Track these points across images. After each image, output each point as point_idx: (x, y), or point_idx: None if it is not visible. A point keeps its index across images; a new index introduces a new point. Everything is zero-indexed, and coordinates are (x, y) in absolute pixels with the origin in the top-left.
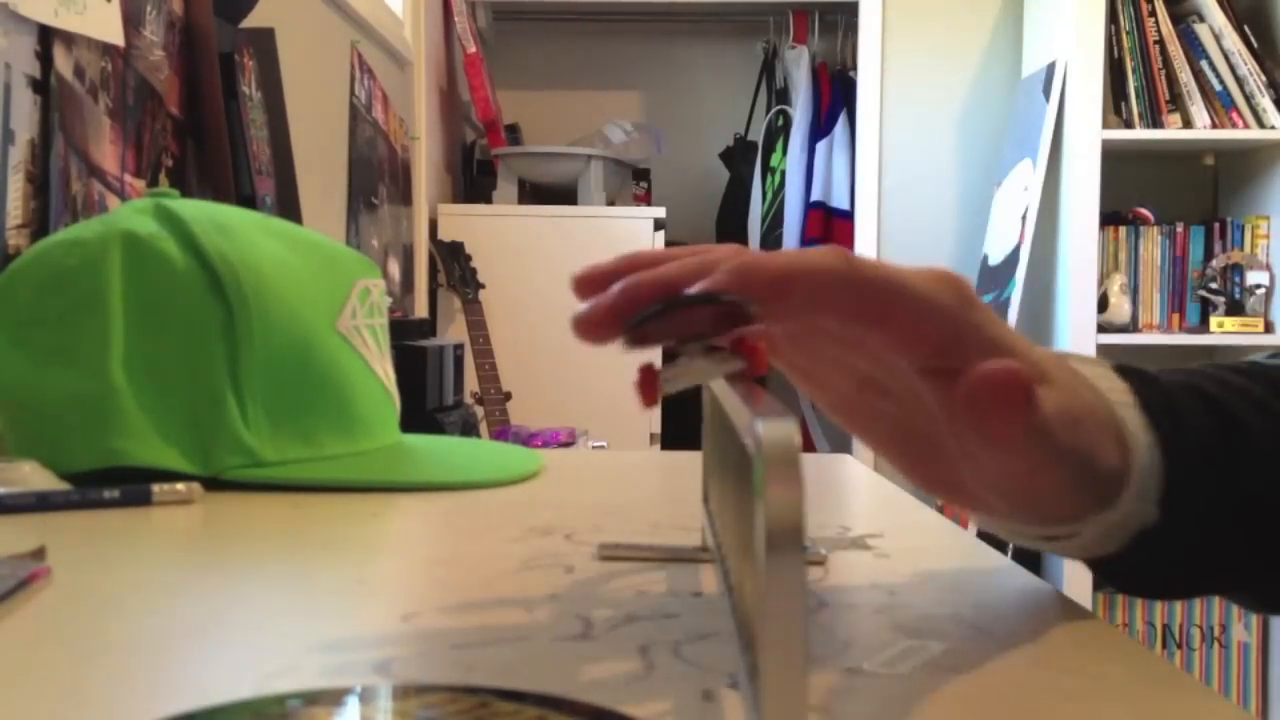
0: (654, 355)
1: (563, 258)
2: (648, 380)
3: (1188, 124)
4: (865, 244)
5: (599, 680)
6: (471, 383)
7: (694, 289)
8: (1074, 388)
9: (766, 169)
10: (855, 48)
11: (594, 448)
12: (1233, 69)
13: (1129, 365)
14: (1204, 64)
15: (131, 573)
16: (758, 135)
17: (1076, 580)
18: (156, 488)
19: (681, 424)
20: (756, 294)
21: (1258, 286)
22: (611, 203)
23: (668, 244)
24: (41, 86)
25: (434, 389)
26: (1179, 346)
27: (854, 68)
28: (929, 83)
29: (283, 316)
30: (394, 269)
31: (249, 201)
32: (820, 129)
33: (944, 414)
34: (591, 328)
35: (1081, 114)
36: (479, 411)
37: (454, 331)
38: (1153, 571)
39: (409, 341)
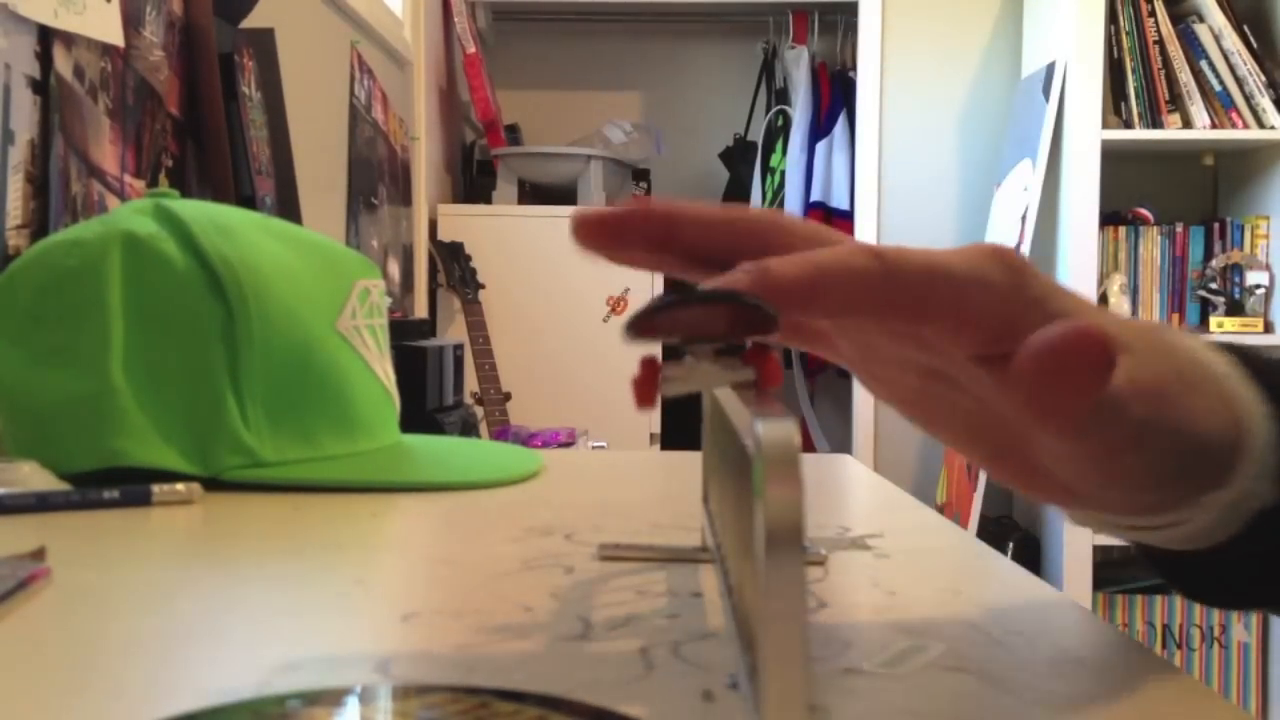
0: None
1: (563, 258)
2: (647, 378)
3: (1187, 124)
4: None
5: (599, 680)
6: (471, 383)
7: (710, 284)
8: (1158, 355)
9: (766, 169)
10: (855, 48)
11: (594, 448)
12: (1232, 69)
13: (1224, 343)
14: (1204, 64)
15: (131, 573)
16: (757, 135)
17: (1076, 580)
18: (156, 488)
19: (681, 424)
20: (778, 303)
21: (1257, 286)
22: (611, 203)
23: None
24: (41, 87)
25: (434, 389)
26: None
27: (854, 68)
28: (929, 83)
29: (282, 317)
30: (394, 269)
31: (249, 202)
32: (820, 129)
33: (1007, 401)
34: (586, 224)
35: (1081, 114)
36: (479, 412)
37: (454, 332)
38: (1253, 567)
39: (409, 342)
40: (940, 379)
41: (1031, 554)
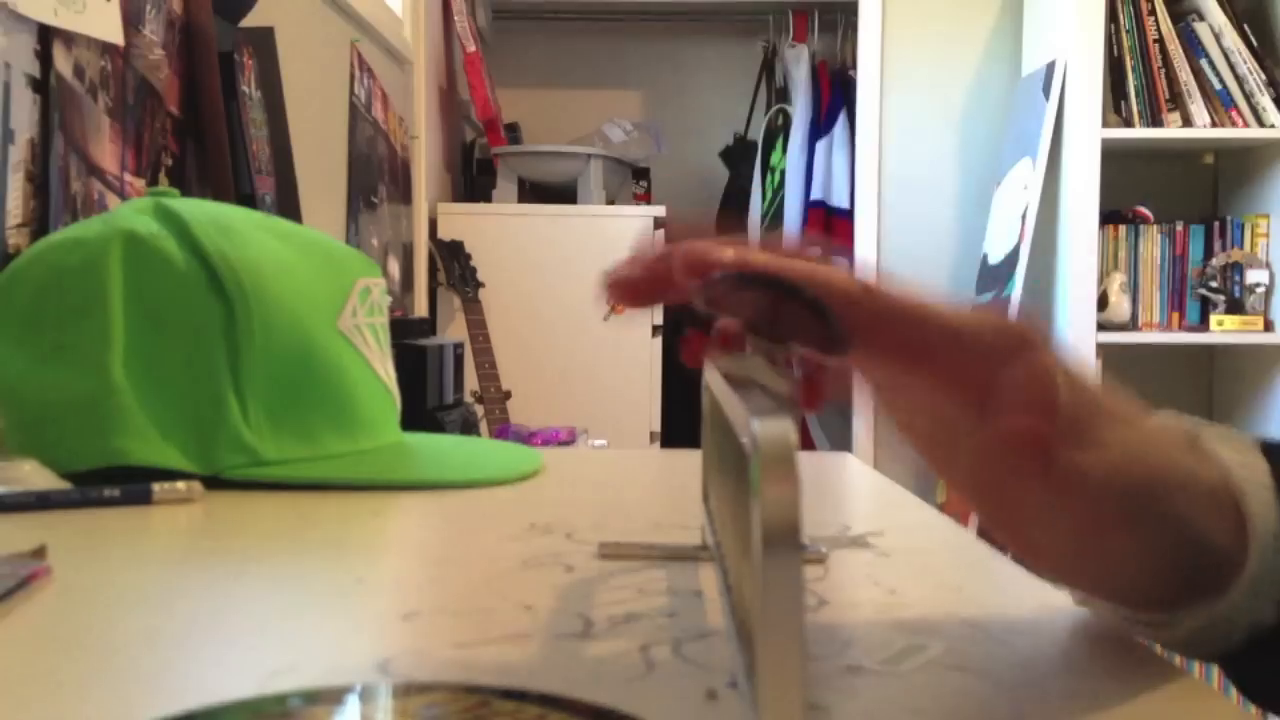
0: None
1: (562, 257)
2: (698, 346)
3: (1187, 123)
4: (865, 243)
5: (599, 679)
6: (471, 381)
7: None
8: (1152, 449)
9: (766, 168)
10: (855, 47)
11: (594, 446)
12: (1232, 68)
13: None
14: (1204, 63)
15: (132, 572)
16: (758, 134)
17: None
18: (157, 486)
19: (681, 423)
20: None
21: (1257, 285)
22: (611, 202)
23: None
24: (41, 86)
25: (434, 388)
26: (1179, 345)
27: (854, 67)
28: (929, 81)
29: (283, 315)
30: (394, 268)
31: (249, 200)
32: (820, 128)
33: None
34: (619, 289)
35: (1081, 113)
36: (479, 410)
37: (454, 330)
38: (1273, 675)
39: (409, 340)
40: (953, 430)
41: None
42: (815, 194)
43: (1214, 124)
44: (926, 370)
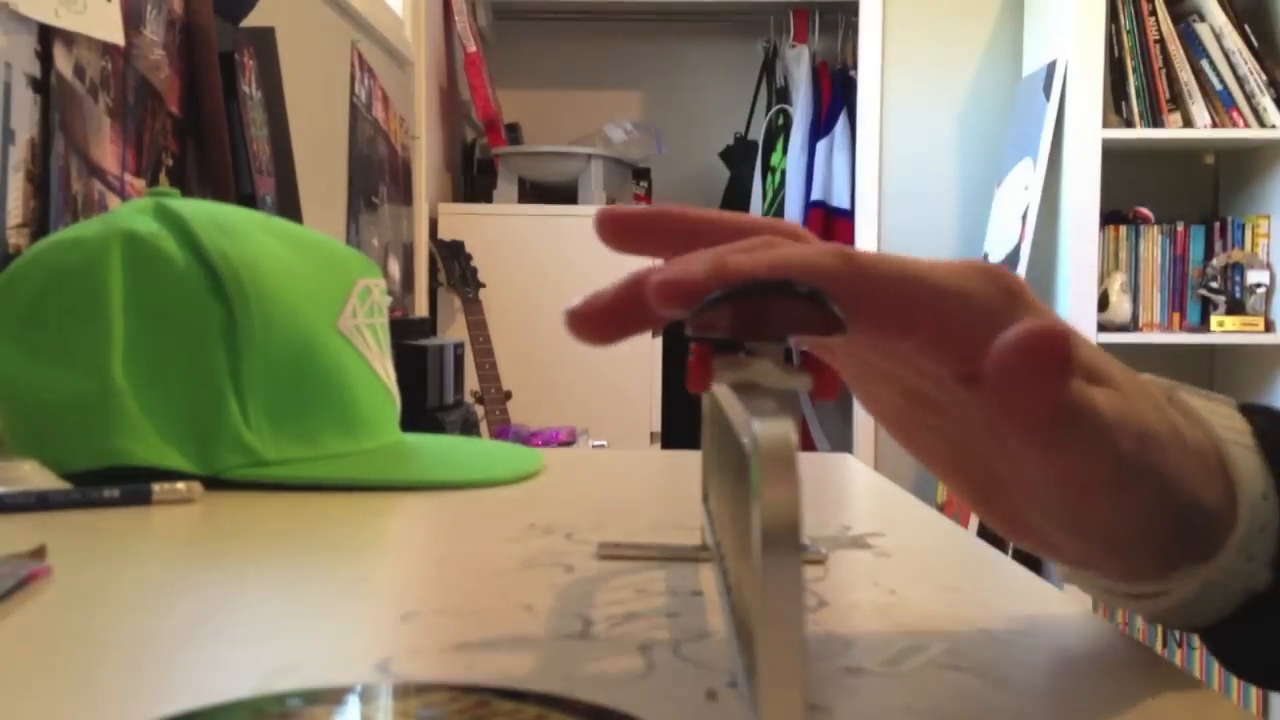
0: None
1: (563, 257)
2: (702, 365)
3: (1188, 123)
4: (866, 243)
5: (599, 679)
6: (471, 382)
7: (661, 273)
8: (1151, 403)
9: (767, 168)
10: (856, 47)
11: (594, 447)
12: (1233, 68)
13: (1263, 405)
14: (1204, 63)
15: (132, 572)
16: (758, 134)
17: None
18: (157, 487)
19: (681, 423)
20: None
21: (1258, 285)
22: (612, 202)
23: None
24: (42, 86)
25: (434, 388)
26: (1179, 345)
27: (854, 67)
28: (929, 82)
29: (283, 316)
30: (394, 268)
31: (249, 201)
32: (820, 128)
33: (982, 415)
34: (611, 221)
35: (1082, 113)
36: (479, 410)
37: (454, 331)
38: (1267, 647)
39: (409, 341)
40: (926, 403)
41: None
42: (816, 194)
43: (1215, 124)
44: (917, 331)
